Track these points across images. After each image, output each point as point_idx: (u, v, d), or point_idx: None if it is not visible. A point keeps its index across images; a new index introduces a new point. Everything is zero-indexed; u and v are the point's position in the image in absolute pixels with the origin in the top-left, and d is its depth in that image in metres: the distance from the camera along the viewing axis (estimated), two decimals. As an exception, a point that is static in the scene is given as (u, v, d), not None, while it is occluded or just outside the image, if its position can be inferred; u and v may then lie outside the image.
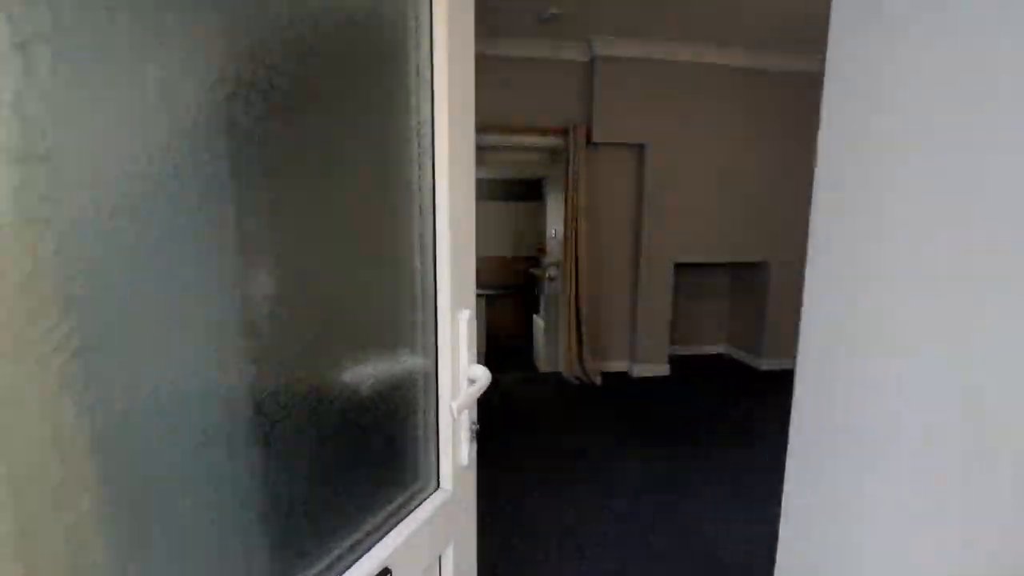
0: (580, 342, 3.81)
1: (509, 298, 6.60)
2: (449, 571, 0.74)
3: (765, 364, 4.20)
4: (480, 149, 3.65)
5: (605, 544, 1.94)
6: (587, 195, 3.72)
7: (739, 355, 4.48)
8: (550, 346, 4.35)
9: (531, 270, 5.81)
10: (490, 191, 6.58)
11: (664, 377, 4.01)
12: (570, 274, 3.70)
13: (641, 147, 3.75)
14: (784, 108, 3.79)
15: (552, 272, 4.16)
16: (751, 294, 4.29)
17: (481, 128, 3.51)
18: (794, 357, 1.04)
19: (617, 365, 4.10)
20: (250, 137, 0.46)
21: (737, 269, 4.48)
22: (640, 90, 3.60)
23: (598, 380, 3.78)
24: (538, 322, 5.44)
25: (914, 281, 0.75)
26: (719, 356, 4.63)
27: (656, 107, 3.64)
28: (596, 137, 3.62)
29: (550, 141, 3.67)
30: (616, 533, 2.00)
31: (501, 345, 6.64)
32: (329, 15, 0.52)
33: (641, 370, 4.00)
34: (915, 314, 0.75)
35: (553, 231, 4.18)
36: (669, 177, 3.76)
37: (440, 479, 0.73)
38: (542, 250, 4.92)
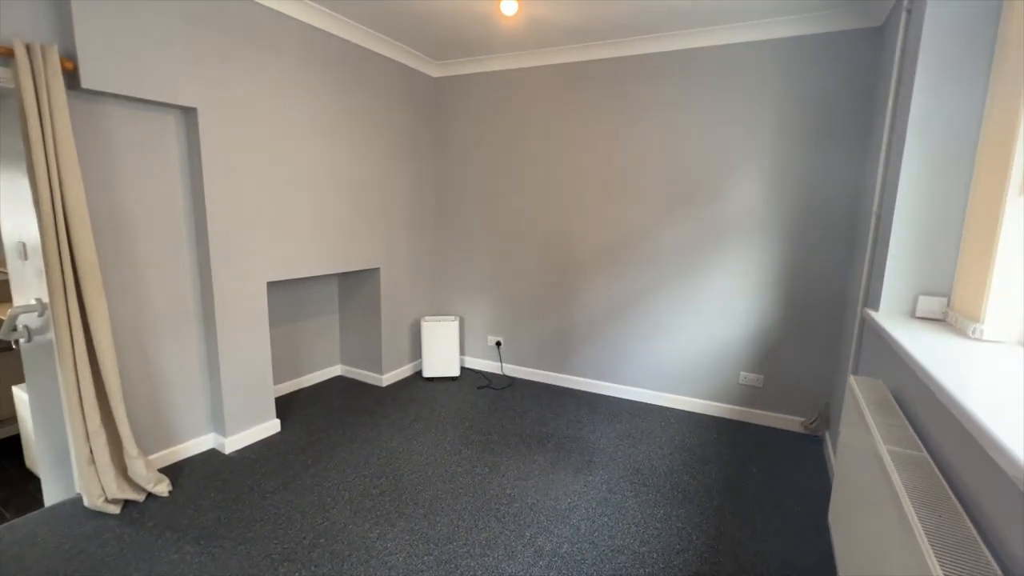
0: (115, 435, 2.21)
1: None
2: None
3: (387, 378, 3.83)
4: None
5: None
6: (84, 180, 2.11)
7: (357, 373, 3.94)
8: (48, 437, 2.45)
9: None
10: None
11: (276, 439, 2.95)
12: (69, 318, 2.04)
13: (189, 112, 2.45)
14: (404, 100, 3.41)
15: (29, 320, 2.26)
16: (364, 305, 3.79)
17: None
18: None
19: (195, 444, 2.71)
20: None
21: (344, 279, 3.88)
22: (173, 20, 2.29)
23: (162, 488, 2.32)
24: (21, 396, 3.11)
25: None
26: (337, 379, 3.94)
27: (211, 55, 2.43)
28: (92, 80, 2.07)
29: (-26, 68, 1.84)
30: None
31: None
32: None
33: (239, 441, 2.79)
34: None
35: (19, 242, 2.26)
36: (242, 163, 2.65)
37: None
38: (2, 272, 2.71)
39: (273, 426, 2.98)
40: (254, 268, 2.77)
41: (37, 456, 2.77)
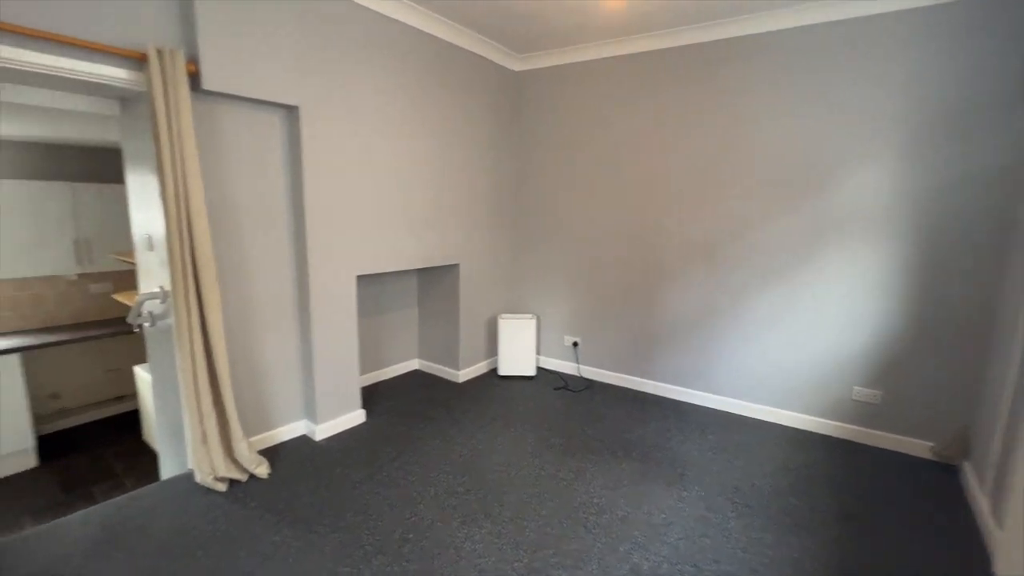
0: (224, 418, 2.35)
1: (82, 345, 4.04)
2: None
3: (463, 374, 3.83)
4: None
5: None
6: (202, 176, 2.25)
7: (435, 368, 3.97)
8: (166, 415, 2.65)
9: (116, 296, 3.60)
10: (16, 162, 3.79)
11: (361, 429, 3.02)
12: (187, 305, 2.18)
13: (292, 110, 2.55)
14: (486, 95, 3.41)
15: (153, 307, 2.44)
16: (443, 301, 3.81)
17: None
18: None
19: (288, 430, 2.83)
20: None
21: (424, 274, 3.93)
22: (282, 22, 2.39)
23: (262, 470, 2.43)
24: (143, 376, 3.42)
25: None
26: (415, 373, 4.00)
27: (312, 55, 2.51)
28: (211, 82, 2.19)
29: (118, 75, 2.00)
30: None
31: (72, 431, 4.01)
32: None
33: (328, 429, 2.88)
34: None
35: (146, 234, 2.45)
36: (338, 159, 2.73)
37: None
38: (130, 263, 2.98)
39: (359, 416, 3.06)
40: (345, 262, 2.85)
41: (155, 432, 3.03)
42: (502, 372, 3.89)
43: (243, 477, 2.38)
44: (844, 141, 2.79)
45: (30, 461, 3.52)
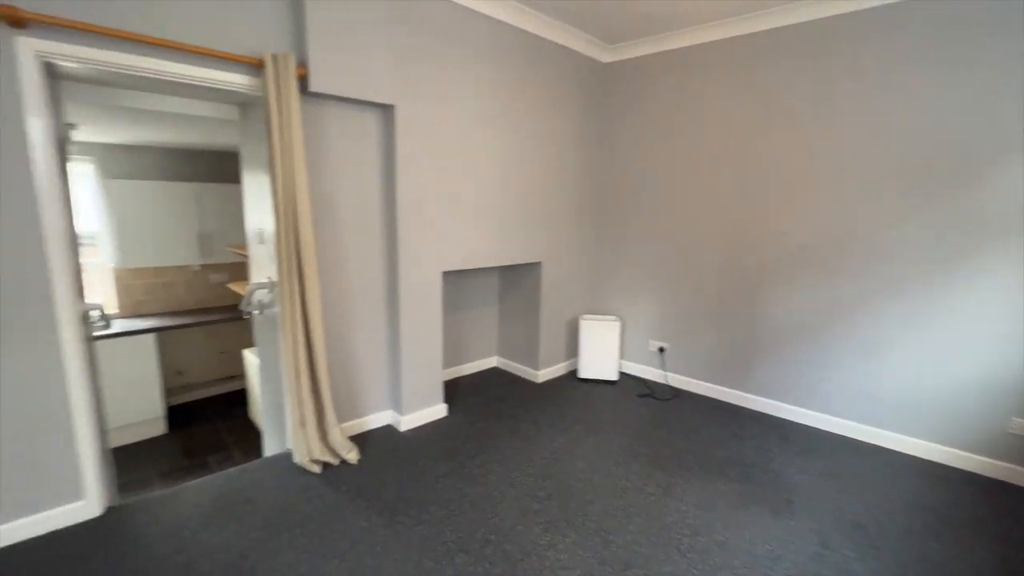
0: (319, 404, 2.47)
1: (203, 329, 4.51)
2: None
3: (542, 375, 3.76)
4: (112, 73, 1.84)
5: None
6: (310, 171, 2.38)
7: (514, 367, 3.94)
8: (269, 397, 2.86)
9: (231, 285, 3.98)
10: (158, 165, 4.31)
11: (443, 423, 3.06)
12: (291, 296, 2.31)
13: (387, 109, 2.62)
14: (573, 90, 3.34)
15: (262, 296, 2.64)
16: (523, 300, 3.77)
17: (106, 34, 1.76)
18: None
19: (375, 419, 2.93)
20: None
21: (506, 272, 3.91)
22: (381, 23, 2.46)
23: (352, 456, 2.53)
24: (250, 359, 3.74)
25: None
26: (493, 370, 4.00)
27: (408, 54, 2.57)
28: (317, 84, 2.30)
29: (239, 81, 2.16)
30: None
31: (194, 404, 4.52)
32: None
33: (412, 420, 2.95)
34: None
35: (258, 230, 2.64)
36: (429, 157, 2.77)
37: None
38: (243, 255, 3.25)
39: (440, 410, 3.10)
40: (433, 258, 2.89)
41: (260, 411, 3.28)
42: (582, 375, 3.76)
43: (335, 461, 2.49)
44: (1006, 123, 2.33)
45: (160, 428, 3.99)
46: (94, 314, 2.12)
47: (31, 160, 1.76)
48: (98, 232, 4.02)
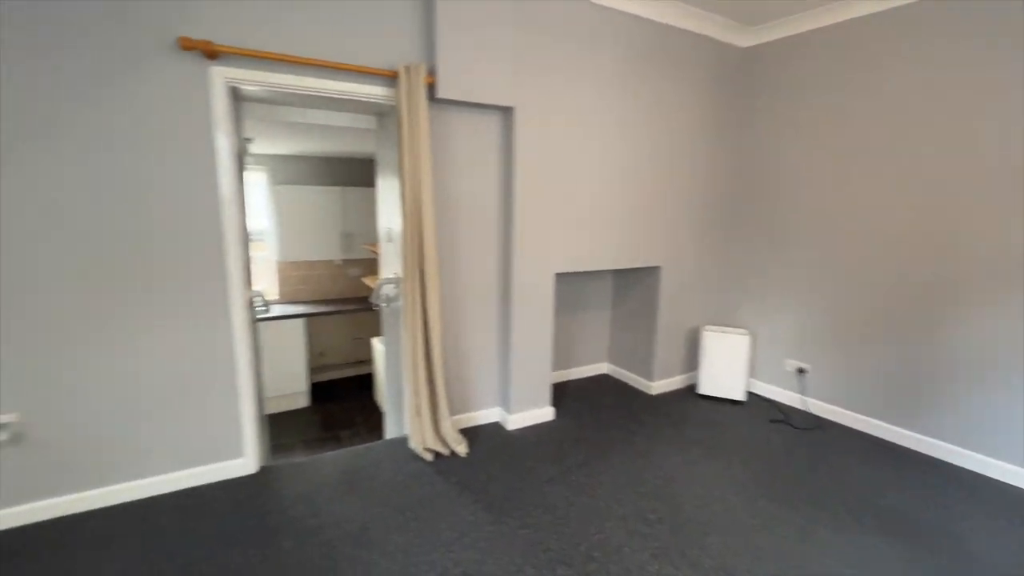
0: (434, 395, 2.59)
1: (341, 317, 5.06)
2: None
3: (656, 387, 3.52)
4: (278, 92, 2.15)
5: None
6: (434, 174, 2.50)
7: (625, 375, 3.76)
8: (391, 383, 3.07)
9: (364, 279, 4.39)
10: (310, 172, 4.93)
11: (550, 425, 3.02)
12: (413, 291, 2.45)
13: (507, 111, 2.65)
14: (704, 80, 3.11)
15: (388, 290, 2.85)
16: (639, 305, 3.57)
17: (270, 58, 2.05)
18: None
19: (484, 415, 3.00)
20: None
21: (620, 276, 3.74)
22: (506, 24, 2.49)
23: (462, 449, 2.61)
24: (377, 347, 4.08)
25: None
26: (603, 377, 3.86)
27: (525, 54, 2.57)
28: (444, 90, 2.41)
29: (377, 92, 2.35)
30: None
31: (331, 383, 5.11)
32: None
33: (520, 420, 2.96)
34: None
35: (387, 229, 2.86)
36: (546, 158, 2.74)
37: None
38: (375, 252, 3.56)
39: (548, 412, 3.06)
40: (547, 259, 2.86)
41: (384, 396, 3.57)
42: (703, 391, 3.44)
43: (446, 451, 2.59)
44: None
45: (304, 401, 4.57)
46: (257, 300, 2.47)
47: (217, 170, 2.10)
48: (266, 230, 4.74)
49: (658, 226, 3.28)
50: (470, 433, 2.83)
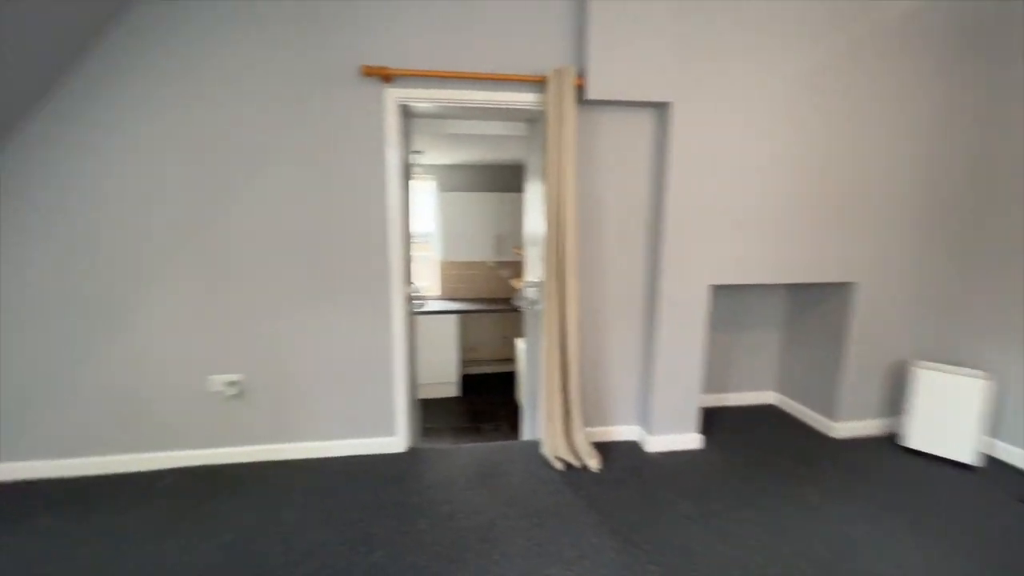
0: (567, 403, 2.53)
1: (492, 315, 5.34)
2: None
3: (841, 429, 2.87)
4: (440, 106, 2.38)
5: None
6: (578, 178, 2.43)
7: (798, 410, 3.16)
8: (529, 384, 3.10)
9: (512, 281, 4.55)
10: (469, 179, 5.32)
11: (695, 455, 2.71)
12: (553, 295, 2.43)
13: (662, 108, 2.44)
14: (921, 54, 2.48)
15: (531, 293, 2.88)
16: (822, 327, 2.96)
17: (436, 76, 2.26)
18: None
19: (621, 432, 2.82)
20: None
21: (797, 291, 3.16)
22: (661, 16, 2.30)
23: (593, 463, 2.49)
24: (520, 347, 4.18)
25: None
26: (769, 408, 3.31)
27: (686, 44, 2.33)
28: (594, 91, 2.33)
29: (527, 99, 2.39)
30: None
31: (479, 376, 5.43)
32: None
33: (660, 443, 2.71)
34: None
35: (532, 233, 2.89)
36: (706, 155, 2.45)
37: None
38: (521, 255, 3.65)
39: (695, 439, 2.74)
40: (700, 268, 2.56)
41: (523, 396, 3.63)
42: (911, 444, 2.69)
43: (577, 463, 2.51)
44: None
45: (454, 391, 4.93)
46: (416, 295, 2.73)
47: (386, 181, 2.37)
48: (432, 232, 5.26)
49: (854, 234, 2.67)
50: (604, 448, 2.69)
